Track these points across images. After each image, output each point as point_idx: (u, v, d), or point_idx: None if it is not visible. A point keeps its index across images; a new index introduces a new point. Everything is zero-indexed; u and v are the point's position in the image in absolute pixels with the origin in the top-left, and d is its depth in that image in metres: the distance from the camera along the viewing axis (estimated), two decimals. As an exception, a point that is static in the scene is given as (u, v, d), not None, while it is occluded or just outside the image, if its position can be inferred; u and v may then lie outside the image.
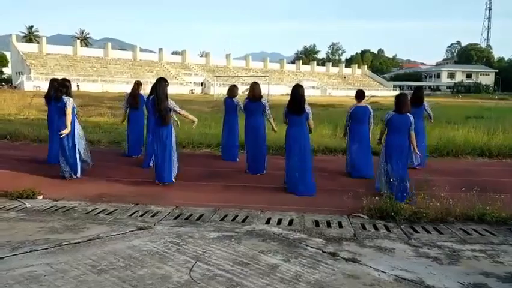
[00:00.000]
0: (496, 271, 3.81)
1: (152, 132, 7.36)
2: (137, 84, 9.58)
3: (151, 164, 8.12)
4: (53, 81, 8.42)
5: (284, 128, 7.05)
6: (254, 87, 8.10)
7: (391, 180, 6.23)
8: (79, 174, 7.34)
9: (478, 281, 3.58)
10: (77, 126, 7.46)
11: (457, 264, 3.97)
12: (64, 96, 7.17)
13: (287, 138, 6.82)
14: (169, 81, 7.44)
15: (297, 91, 6.76)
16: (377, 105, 21.79)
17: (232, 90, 9.40)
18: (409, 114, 6.49)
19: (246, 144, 8.27)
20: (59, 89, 7.29)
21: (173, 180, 7.09)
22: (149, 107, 7.45)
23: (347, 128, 8.11)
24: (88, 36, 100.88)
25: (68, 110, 7.11)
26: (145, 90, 9.88)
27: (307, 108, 6.73)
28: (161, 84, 6.96)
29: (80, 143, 7.46)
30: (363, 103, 8.02)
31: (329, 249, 4.28)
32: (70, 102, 7.14)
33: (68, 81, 7.53)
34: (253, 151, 8.01)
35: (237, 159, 9.19)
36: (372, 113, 7.98)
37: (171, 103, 6.96)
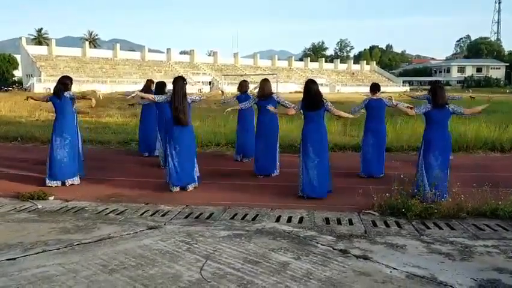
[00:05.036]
0: (509, 267, 3.76)
1: (169, 133, 6.89)
2: (150, 82, 9.72)
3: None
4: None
5: (297, 124, 6.73)
6: (264, 85, 7.67)
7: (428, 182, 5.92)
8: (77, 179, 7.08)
9: (491, 277, 3.53)
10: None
11: (470, 260, 3.92)
12: (64, 93, 6.94)
13: (303, 136, 6.46)
14: None
15: (312, 87, 6.43)
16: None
17: (243, 85, 9.28)
18: (448, 106, 6.11)
19: (256, 142, 7.84)
20: (59, 87, 7.00)
21: (196, 179, 6.81)
22: (167, 106, 6.97)
23: (356, 111, 7.68)
24: (96, 37, 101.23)
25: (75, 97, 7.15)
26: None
27: (326, 102, 6.43)
28: (179, 83, 6.63)
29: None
30: (377, 96, 7.71)
31: (340, 246, 4.25)
32: (70, 93, 7.02)
33: (69, 78, 7.23)
34: (264, 150, 7.65)
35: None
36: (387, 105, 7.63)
37: (190, 98, 6.68)
